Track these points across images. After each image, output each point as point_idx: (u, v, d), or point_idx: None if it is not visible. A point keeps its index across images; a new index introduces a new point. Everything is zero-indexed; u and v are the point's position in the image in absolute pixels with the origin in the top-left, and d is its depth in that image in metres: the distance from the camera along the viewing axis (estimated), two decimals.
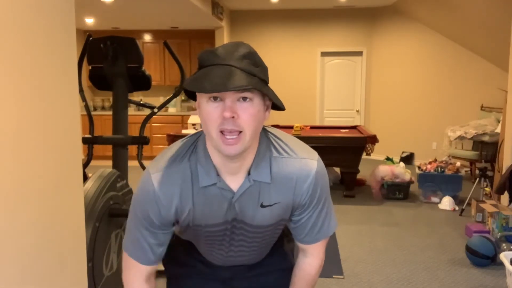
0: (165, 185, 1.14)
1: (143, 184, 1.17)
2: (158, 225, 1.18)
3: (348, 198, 5.63)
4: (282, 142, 1.20)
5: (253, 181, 1.15)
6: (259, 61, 1.07)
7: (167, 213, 1.16)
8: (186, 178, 1.15)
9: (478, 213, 4.57)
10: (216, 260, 1.37)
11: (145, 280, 1.25)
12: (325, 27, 8.35)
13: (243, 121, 1.03)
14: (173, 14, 6.64)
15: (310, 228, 1.26)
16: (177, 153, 1.17)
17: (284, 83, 8.55)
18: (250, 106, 1.04)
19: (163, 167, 1.15)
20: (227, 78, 0.99)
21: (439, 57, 7.44)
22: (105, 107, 8.64)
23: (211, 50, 1.06)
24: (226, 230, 1.23)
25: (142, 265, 1.23)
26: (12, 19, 1.51)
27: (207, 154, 1.14)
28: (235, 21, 8.48)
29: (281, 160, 1.17)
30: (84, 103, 3.36)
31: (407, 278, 3.37)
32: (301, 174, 1.17)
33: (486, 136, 6.05)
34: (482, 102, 7.01)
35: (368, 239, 4.19)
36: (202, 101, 1.06)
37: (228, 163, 1.12)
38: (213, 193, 1.15)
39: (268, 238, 1.30)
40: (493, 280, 3.33)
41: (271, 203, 1.18)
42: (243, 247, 1.30)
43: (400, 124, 8.04)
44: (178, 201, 1.16)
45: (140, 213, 1.18)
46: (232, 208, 1.17)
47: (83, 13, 6.68)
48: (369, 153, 5.47)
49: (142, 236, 1.20)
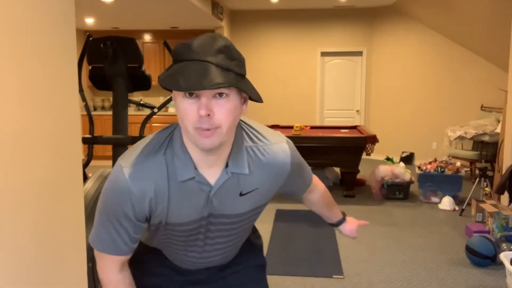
0: (139, 180, 1.10)
1: (114, 178, 1.12)
2: (132, 219, 1.14)
3: (348, 198, 5.63)
4: (254, 130, 1.22)
5: (231, 174, 1.14)
6: (235, 54, 1.05)
7: (141, 207, 1.12)
8: (161, 173, 1.11)
9: (478, 213, 4.57)
10: (189, 264, 1.34)
11: (120, 270, 1.23)
12: (325, 27, 8.35)
13: (219, 118, 1.02)
14: (173, 14, 6.64)
15: (302, 184, 1.41)
16: (151, 146, 1.14)
17: (284, 83, 8.55)
18: (226, 102, 1.03)
19: (136, 161, 1.11)
20: (203, 76, 0.97)
21: (439, 57, 7.44)
22: (105, 107, 8.64)
23: (186, 44, 1.03)
24: (200, 227, 1.21)
25: (115, 256, 1.20)
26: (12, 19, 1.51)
27: (184, 147, 1.11)
28: (235, 21, 8.48)
29: (257, 149, 1.19)
30: (84, 103, 3.36)
31: (407, 278, 3.37)
32: (279, 160, 1.21)
33: (486, 136, 6.05)
34: (482, 102, 7.01)
35: (368, 239, 4.19)
36: (178, 96, 1.05)
37: (205, 156, 1.10)
38: (190, 188, 1.13)
39: (243, 229, 1.30)
40: (493, 280, 3.33)
41: (251, 190, 1.19)
42: (219, 245, 1.29)
43: (400, 124, 8.04)
44: (152, 196, 1.11)
45: (113, 207, 1.13)
46: (209, 203, 1.16)
47: (83, 13, 6.68)
48: (369, 153, 5.47)
49: (115, 231, 1.15)
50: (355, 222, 1.66)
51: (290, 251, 3.90)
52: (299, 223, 4.66)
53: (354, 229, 1.64)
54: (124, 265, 1.24)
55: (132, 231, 1.16)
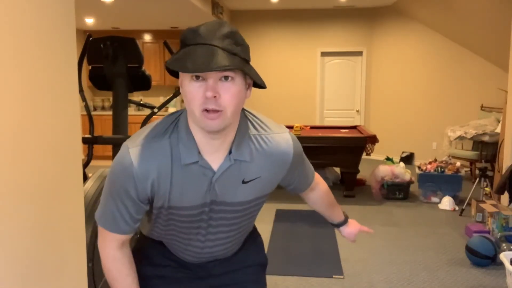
0: (143, 160, 1.13)
1: (120, 158, 1.15)
2: (134, 198, 1.17)
3: (348, 198, 5.63)
4: (257, 119, 1.25)
5: (234, 161, 1.17)
6: (240, 40, 1.08)
7: (143, 188, 1.15)
8: (165, 155, 1.14)
9: (478, 213, 4.57)
10: (191, 255, 1.35)
11: (119, 247, 1.25)
12: (325, 27, 8.35)
13: (225, 101, 1.05)
14: (173, 14, 6.64)
15: (305, 177, 1.41)
16: (157, 129, 1.17)
17: (284, 83, 8.55)
18: (232, 85, 1.06)
19: (142, 142, 1.15)
20: (210, 58, 1.00)
21: (439, 57, 7.44)
22: (105, 107, 8.64)
23: (193, 29, 1.06)
24: (203, 214, 1.22)
25: (117, 234, 1.22)
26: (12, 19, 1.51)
27: (189, 131, 1.14)
28: (235, 21, 8.48)
29: (260, 137, 1.21)
30: (84, 103, 3.36)
31: (407, 278, 3.37)
32: (282, 149, 1.24)
33: (486, 136, 6.05)
34: (482, 102, 7.01)
35: (368, 239, 4.19)
36: (185, 80, 1.07)
37: (210, 140, 1.13)
38: (193, 172, 1.15)
39: (246, 220, 1.31)
40: (493, 280, 3.33)
41: (253, 178, 1.21)
42: (221, 234, 1.29)
43: (400, 124, 8.04)
44: (155, 177, 1.14)
45: (117, 186, 1.16)
46: (212, 189, 1.18)
47: (83, 13, 6.68)
48: (369, 153, 5.47)
49: (117, 209, 1.19)
50: (356, 226, 1.66)
51: (290, 251, 3.90)
52: (299, 223, 4.66)
53: (354, 233, 1.64)
54: (124, 244, 1.26)
55: (134, 211, 1.19)
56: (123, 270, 1.27)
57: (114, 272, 1.26)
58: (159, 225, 1.29)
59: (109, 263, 1.26)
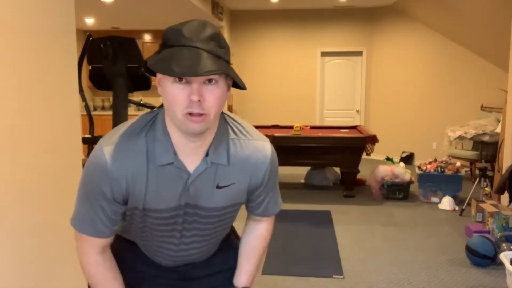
0: (118, 159, 1.10)
1: (94, 157, 1.12)
2: (110, 199, 1.13)
3: (348, 198, 5.62)
4: (238, 124, 1.23)
5: (211, 163, 1.15)
6: (223, 42, 1.08)
7: (118, 187, 1.12)
8: (141, 155, 1.12)
9: (478, 213, 4.57)
10: (166, 258, 1.32)
11: (100, 252, 1.21)
12: (325, 27, 8.35)
13: (209, 104, 1.05)
14: (173, 14, 6.64)
15: (266, 204, 1.32)
16: (133, 128, 1.15)
17: (284, 83, 8.54)
18: (216, 88, 1.05)
19: (117, 140, 1.12)
20: (196, 62, 0.99)
21: (439, 57, 7.44)
22: (105, 107, 8.64)
23: (176, 29, 1.04)
24: (178, 216, 1.20)
25: (97, 238, 1.18)
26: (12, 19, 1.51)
27: (166, 131, 1.12)
28: (235, 21, 8.48)
29: (238, 142, 1.20)
30: (84, 103, 3.36)
31: (407, 278, 3.37)
32: (259, 157, 1.21)
33: (486, 136, 6.04)
34: (482, 102, 7.01)
35: (368, 239, 4.18)
36: (166, 81, 1.06)
37: (188, 142, 1.11)
38: (168, 173, 1.13)
39: (221, 226, 1.29)
40: (493, 280, 3.33)
41: (228, 184, 1.19)
42: (196, 237, 1.27)
43: (400, 124, 8.04)
44: (130, 176, 1.12)
45: (92, 186, 1.13)
46: (186, 191, 1.16)
47: (83, 13, 6.68)
48: (369, 153, 5.47)
49: (94, 211, 1.15)
50: None
51: (290, 251, 3.90)
52: (299, 223, 4.66)
53: None
54: (105, 249, 1.22)
55: (110, 211, 1.15)
56: (107, 275, 1.23)
57: (98, 277, 1.22)
58: (134, 226, 1.25)
59: (92, 269, 1.21)
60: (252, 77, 8.55)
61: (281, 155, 6.67)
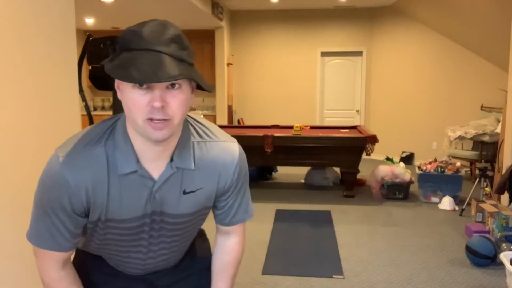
0: (75, 170, 1.04)
1: (49, 168, 1.05)
2: (69, 212, 1.07)
3: (348, 198, 5.62)
4: (203, 126, 1.19)
5: (176, 168, 1.10)
6: (186, 43, 1.01)
7: (77, 199, 1.06)
8: (100, 165, 1.05)
9: (478, 213, 4.57)
10: (133, 268, 1.26)
11: (62, 267, 1.15)
12: (325, 27, 8.35)
13: (172, 109, 1.00)
14: (173, 14, 6.64)
15: (235, 210, 1.26)
16: (90, 136, 1.08)
17: (284, 83, 8.54)
18: (179, 93, 1.00)
19: (74, 150, 1.05)
20: (158, 67, 0.93)
21: (439, 57, 7.44)
22: (105, 107, 8.64)
23: (135, 31, 0.98)
24: (144, 225, 1.14)
25: (57, 252, 1.12)
26: (12, 19, 1.51)
27: (127, 139, 1.06)
28: (235, 21, 8.48)
29: (204, 145, 1.15)
30: (84, 103, 3.36)
31: (407, 278, 3.37)
32: (226, 158, 1.17)
33: (486, 136, 6.05)
34: (482, 102, 7.01)
35: (368, 239, 4.19)
36: (126, 86, 1.00)
37: (151, 147, 1.06)
38: (132, 182, 1.08)
39: (189, 231, 1.24)
40: (493, 280, 3.33)
41: (194, 189, 1.15)
42: (163, 244, 1.22)
43: (400, 124, 8.04)
44: (90, 188, 1.05)
45: (49, 200, 1.06)
46: (152, 199, 1.10)
47: (83, 13, 6.68)
48: (369, 153, 5.46)
49: (53, 225, 1.08)
50: None
51: (290, 251, 3.90)
52: (299, 223, 4.66)
53: None
54: (66, 262, 1.17)
55: (71, 225, 1.09)
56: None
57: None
58: (95, 239, 1.18)
59: (55, 285, 1.15)
60: (252, 77, 8.55)
61: (281, 155, 6.65)
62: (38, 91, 1.72)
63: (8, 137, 1.57)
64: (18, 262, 1.69)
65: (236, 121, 8.35)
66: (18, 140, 1.62)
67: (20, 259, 1.69)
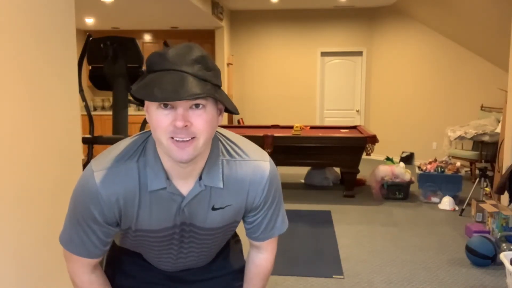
0: (108, 185, 1.08)
1: (84, 181, 1.10)
2: (101, 222, 1.12)
3: (348, 198, 5.62)
4: (233, 144, 1.18)
5: (204, 186, 1.12)
6: (211, 65, 1.02)
7: (110, 212, 1.10)
8: (132, 180, 1.09)
9: (478, 213, 4.58)
10: (165, 265, 1.31)
11: (92, 270, 1.20)
12: (325, 27, 8.35)
13: (197, 128, 1.00)
14: (173, 14, 6.64)
15: (264, 227, 1.27)
16: (124, 152, 1.11)
17: (284, 83, 8.55)
18: (203, 112, 1.01)
19: (108, 166, 1.09)
20: (179, 86, 0.94)
21: (439, 57, 7.45)
22: (105, 107, 8.64)
23: (160, 53, 1.00)
24: (174, 234, 1.18)
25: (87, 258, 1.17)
26: (12, 19, 1.51)
27: (157, 157, 1.09)
28: (235, 21, 8.48)
29: (233, 163, 1.15)
30: (84, 103, 3.36)
31: (407, 278, 3.37)
32: (255, 177, 1.17)
33: (486, 136, 6.05)
34: (482, 102, 7.01)
35: (368, 239, 4.19)
36: (152, 107, 1.02)
37: (179, 168, 1.07)
38: (161, 198, 1.11)
39: (219, 240, 1.28)
40: (493, 280, 3.33)
41: (223, 206, 1.16)
42: (193, 249, 1.26)
43: (400, 124, 8.04)
44: (122, 201, 1.10)
45: (82, 211, 1.11)
46: (181, 212, 1.14)
47: (83, 13, 6.68)
48: (369, 153, 5.46)
49: (84, 234, 1.13)
50: None
51: (290, 251, 3.90)
52: (299, 223, 4.66)
53: None
54: (96, 266, 1.22)
55: (102, 234, 1.14)
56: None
57: None
58: (128, 240, 1.24)
59: (85, 286, 1.21)
60: (252, 77, 8.55)
61: (281, 155, 6.64)
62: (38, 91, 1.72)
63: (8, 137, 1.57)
64: (18, 262, 1.69)
65: (236, 121, 8.35)
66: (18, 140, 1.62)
67: (20, 259, 1.69)
